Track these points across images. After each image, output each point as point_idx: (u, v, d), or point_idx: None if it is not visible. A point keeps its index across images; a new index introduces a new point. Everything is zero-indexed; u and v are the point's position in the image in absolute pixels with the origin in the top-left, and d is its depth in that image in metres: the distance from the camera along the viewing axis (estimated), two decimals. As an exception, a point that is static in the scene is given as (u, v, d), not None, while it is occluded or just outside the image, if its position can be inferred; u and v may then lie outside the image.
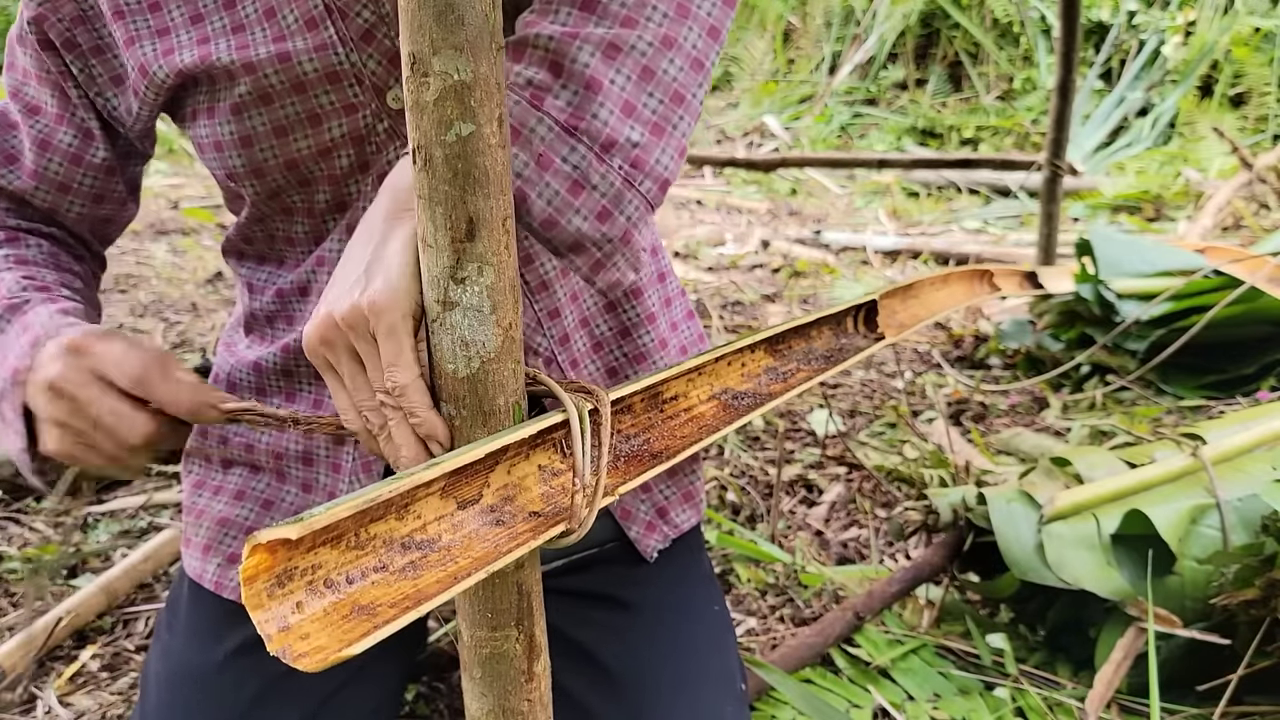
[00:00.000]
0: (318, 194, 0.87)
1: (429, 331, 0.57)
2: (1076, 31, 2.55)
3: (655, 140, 0.69)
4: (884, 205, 4.82)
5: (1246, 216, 3.84)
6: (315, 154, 0.84)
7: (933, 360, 2.71)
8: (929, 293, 1.03)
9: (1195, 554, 1.23)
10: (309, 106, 0.83)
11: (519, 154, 0.66)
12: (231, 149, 0.85)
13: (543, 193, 0.67)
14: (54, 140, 0.90)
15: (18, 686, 1.33)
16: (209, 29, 0.83)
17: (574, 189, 0.68)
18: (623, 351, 0.97)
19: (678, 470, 1.03)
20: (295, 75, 0.81)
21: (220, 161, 0.86)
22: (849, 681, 1.32)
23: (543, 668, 0.64)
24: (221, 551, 0.96)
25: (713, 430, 0.67)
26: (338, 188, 0.87)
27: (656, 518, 1.02)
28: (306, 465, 0.94)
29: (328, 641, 0.43)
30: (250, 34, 0.82)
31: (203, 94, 0.85)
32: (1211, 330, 2.16)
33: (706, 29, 0.73)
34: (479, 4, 0.49)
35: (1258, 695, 1.21)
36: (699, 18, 0.72)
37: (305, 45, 0.81)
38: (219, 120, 0.84)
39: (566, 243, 0.69)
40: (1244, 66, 5.49)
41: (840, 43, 6.95)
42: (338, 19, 0.80)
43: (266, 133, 0.84)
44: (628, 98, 0.69)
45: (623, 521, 0.99)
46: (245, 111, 0.83)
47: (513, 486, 0.57)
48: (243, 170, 0.86)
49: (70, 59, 0.87)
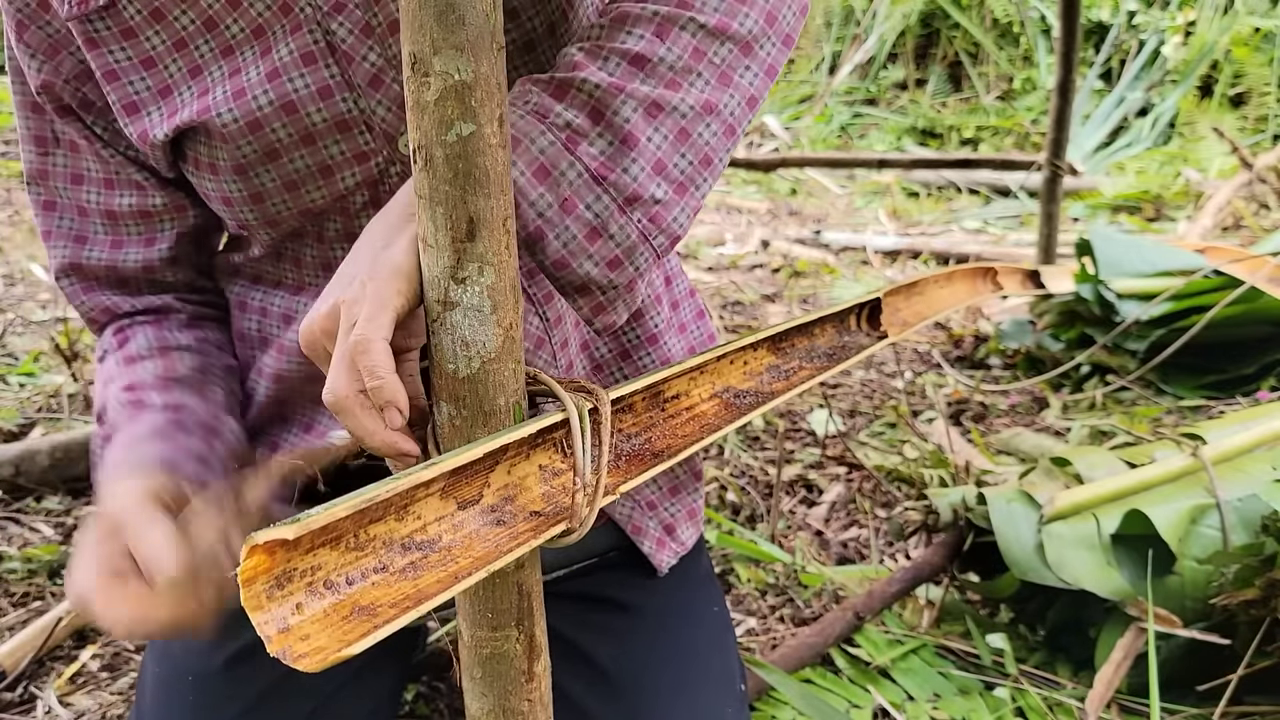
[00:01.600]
0: (329, 223, 0.86)
1: (429, 331, 0.56)
2: (1076, 31, 2.55)
3: (677, 199, 0.70)
4: (884, 205, 4.82)
5: (1246, 216, 3.84)
6: (329, 202, 0.83)
7: (933, 360, 2.71)
8: (933, 291, 1.02)
9: (1195, 554, 1.23)
10: (319, 159, 0.80)
11: (545, 194, 0.67)
12: (242, 204, 0.83)
13: (560, 235, 0.67)
14: (115, 205, 0.88)
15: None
16: (207, 80, 0.79)
17: (591, 236, 0.68)
18: (623, 374, 0.96)
19: (681, 488, 1.03)
20: (304, 127, 0.78)
21: (231, 215, 0.85)
22: (849, 681, 1.32)
23: (543, 668, 0.64)
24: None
25: (714, 429, 0.67)
26: (349, 220, 0.85)
27: (665, 534, 1.01)
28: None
29: (327, 642, 0.43)
30: (245, 75, 0.78)
31: (201, 145, 0.81)
32: (1211, 330, 2.16)
33: (746, 98, 0.74)
34: (480, 4, 0.49)
35: (1258, 695, 1.21)
36: (741, 87, 0.73)
37: (308, 91, 0.77)
38: (224, 178, 0.81)
39: (574, 284, 0.70)
40: (1244, 66, 5.49)
41: (840, 43, 6.95)
42: (342, 60, 0.77)
43: (277, 188, 0.81)
44: (661, 156, 0.70)
45: (634, 537, 0.99)
46: (252, 170, 0.80)
47: (513, 486, 0.57)
48: (256, 222, 0.84)
49: (91, 120, 0.84)
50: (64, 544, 1.69)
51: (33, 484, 1.83)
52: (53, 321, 2.80)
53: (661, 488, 1.02)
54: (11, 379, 2.37)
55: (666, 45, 0.70)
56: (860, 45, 6.76)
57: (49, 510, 1.80)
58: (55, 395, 2.25)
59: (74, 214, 0.89)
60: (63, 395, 2.22)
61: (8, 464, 1.82)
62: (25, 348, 2.60)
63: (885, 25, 6.69)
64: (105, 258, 0.90)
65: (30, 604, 1.53)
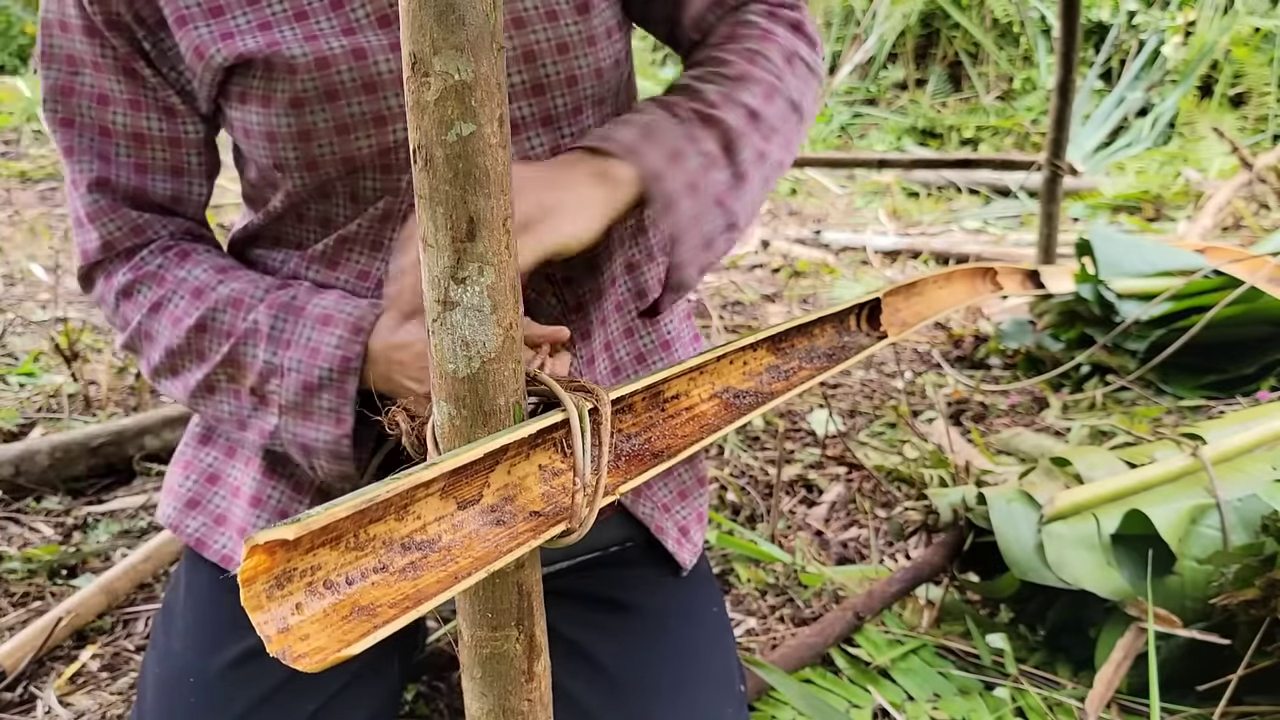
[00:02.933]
0: (364, 180, 0.85)
1: (429, 332, 0.57)
2: (1076, 31, 2.55)
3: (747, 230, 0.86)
4: (884, 205, 4.82)
5: (1246, 216, 3.84)
6: (374, 153, 0.83)
7: (933, 360, 2.71)
8: (932, 291, 1.02)
9: (1195, 554, 1.23)
10: (376, 108, 0.81)
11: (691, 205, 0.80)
12: (286, 141, 0.82)
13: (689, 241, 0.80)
14: (143, 128, 0.86)
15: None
16: (269, 13, 0.81)
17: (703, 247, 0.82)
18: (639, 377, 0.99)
19: (689, 493, 1.05)
20: (369, 74, 0.80)
21: (270, 151, 0.84)
22: (849, 681, 1.32)
23: (543, 668, 0.64)
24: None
25: (714, 429, 0.67)
26: (389, 177, 0.85)
27: (680, 535, 1.03)
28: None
29: (327, 642, 0.43)
30: (316, 23, 0.80)
31: (257, 79, 0.81)
32: (1211, 330, 2.16)
33: (791, 160, 0.93)
34: (480, 4, 0.49)
35: (1258, 695, 1.21)
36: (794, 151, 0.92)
37: (380, 43, 0.80)
38: (275, 111, 0.81)
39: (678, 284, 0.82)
40: (1244, 66, 5.49)
41: (840, 43, 6.95)
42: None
43: (328, 129, 0.82)
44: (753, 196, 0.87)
45: (659, 536, 1.01)
46: (307, 106, 0.81)
47: (513, 486, 0.57)
48: (295, 163, 0.84)
49: (141, 34, 0.83)
50: (64, 544, 1.69)
51: (33, 484, 1.84)
52: (53, 321, 2.80)
53: (672, 491, 1.04)
54: (11, 379, 2.37)
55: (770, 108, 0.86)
56: (860, 45, 6.75)
57: (49, 510, 1.80)
58: (55, 395, 2.25)
59: (95, 134, 0.87)
60: (63, 395, 2.22)
61: (8, 464, 1.82)
62: (25, 348, 2.60)
63: (885, 25, 6.69)
64: (133, 181, 0.88)
65: (30, 604, 1.53)
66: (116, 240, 0.89)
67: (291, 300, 0.84)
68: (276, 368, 0.83)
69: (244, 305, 0.85)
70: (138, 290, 0.89)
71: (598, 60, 0.86)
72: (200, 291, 0.86)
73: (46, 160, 4.91)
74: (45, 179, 4.75)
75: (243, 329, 0.84)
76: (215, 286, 0.86)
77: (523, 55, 0.83)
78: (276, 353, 0.83)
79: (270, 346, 0.83)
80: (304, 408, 0.82)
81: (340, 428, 0.81)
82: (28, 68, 6.53)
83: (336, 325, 0.81)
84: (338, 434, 0.82)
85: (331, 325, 0.81)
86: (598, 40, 0.86)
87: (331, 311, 0.82)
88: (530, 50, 0.83)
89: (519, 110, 0.85)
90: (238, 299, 0.85)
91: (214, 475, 0.97)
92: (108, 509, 1.81)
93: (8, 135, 5.19)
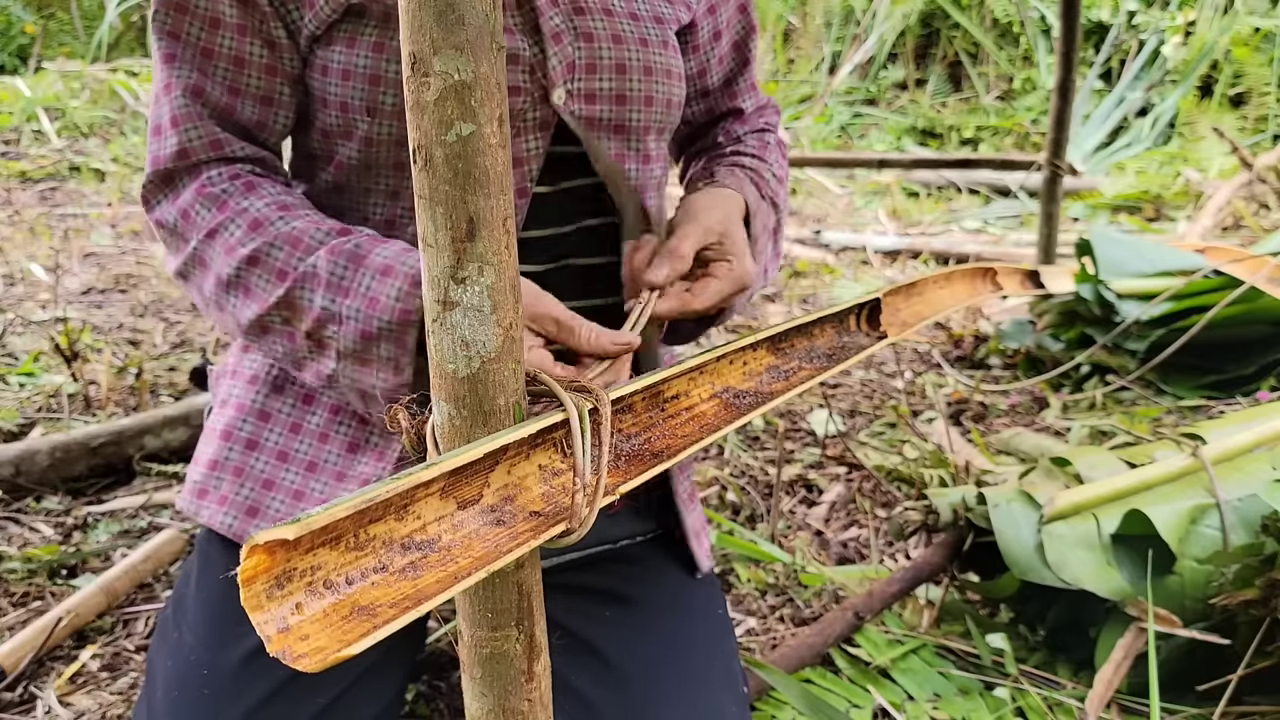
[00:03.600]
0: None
1: (429, 332, 0.57)
2: (1076, 31, 2.55)
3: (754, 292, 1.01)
4: (884, 205, 4.82)
5: (1246, 216, 3.84)
6: None
7: (933, 360, 2.71)
8: (932, 291, 1.02)
9: (1195, 554, 1.23)
10: None
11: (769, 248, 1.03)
12: (388, 86, 0.86)
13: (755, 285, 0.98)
14: (245, 54, 0.88)
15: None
16: None
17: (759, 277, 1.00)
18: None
19: (689, 501, 1.09)
20: None
21: (369, 96, 0.86)
22: (849, 681, 1.32)
23: (543, 667, 0.64)
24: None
25: (714, 429, 0.67)
26: None
27: (695, 540, 1.08)
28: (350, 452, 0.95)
29: (327, 642, 0.43)
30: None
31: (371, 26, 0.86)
32: (1211, 330, 2.16)
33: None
34: (479, 4, 0.49)
35: (1258, 695, 1.21)
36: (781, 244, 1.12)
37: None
38: (386, 56, 0.85)
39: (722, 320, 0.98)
40: (1244, 66, 5.49)
41: (840, 43, 6.95)
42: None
43: (396, 81, 0.85)
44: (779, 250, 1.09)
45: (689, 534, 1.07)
46: (385, 52, 0.85)
47: (513, 486, 0.57)
48: (389, 108, 0.86)
49: None
50: (64, 544, 1.69)
51: (33, 484, 1.84)
52: (53, 321, 2.80)
53: (684, 492, 1.09)
54: (11, 379, 2.37)
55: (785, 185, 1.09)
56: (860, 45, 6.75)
57: (49, 510, 1.80)
58: (55, 395, 2.25)
59: (198, 52, 0.88)
60: (63, 395, 2.22)
61: (8, 464, 1.82)
62: (25, 348, 2.60)
63: (885, 25, 6.69)
64: (225, 99, 0.89)
65: (30, 604, 1.53)
66: (193, 149, 0.90)
67: (355, 248, 0.84)
68: (335, 314, 0.82)
69: (302, 245, 0.85)
70: (198, 212, 0.88)
71: (670, 91, 0.97)
72: (259, 224, 0.86)
73: (46, 160, 4.91)
74: (45, 179, 4.75)
75: (300, 271, 0.84)
76: (275, 221, 0.86)
77: (615, 66, 0.93)
78: (335, 300, 0.82)
79: (329, 293, 0.83)
80: (362, 355, 0.82)
81: (399, 376, 0.81)
82: (28, 68, 6.53)
83: (397, 277, 0.81)
84: (397, 382, 0.82)
85: (392, 276, 0.81)
86: (673, 75, 0.98)
87: (393, 263, 0.82)
88: (622, 64, 0.93)
89: (600, 111, 0.93)
90: (296, 238, 0.85)
91: (269, 481, 0.97)
92: (108, 509, 1.81)
93: (8, 135, 5.19)
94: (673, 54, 0.98)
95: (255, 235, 0.85)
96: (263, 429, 0.98)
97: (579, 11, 0.91)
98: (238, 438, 0.98)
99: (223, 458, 0.98)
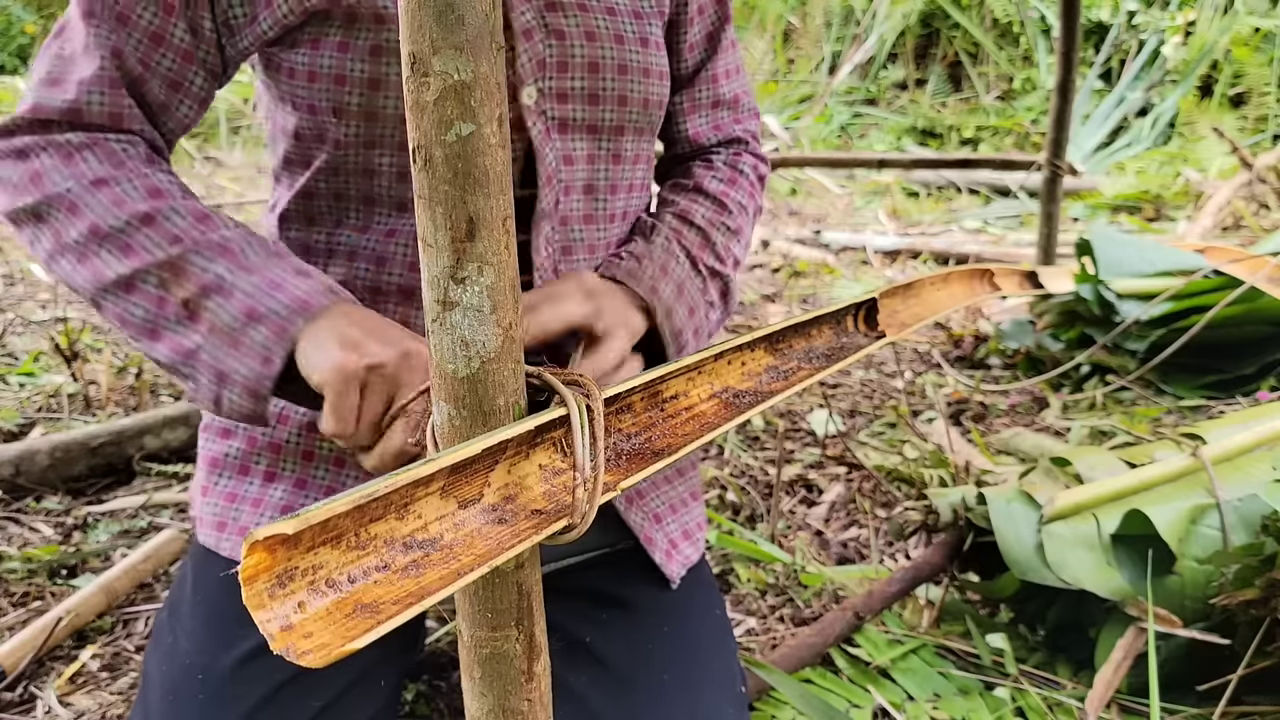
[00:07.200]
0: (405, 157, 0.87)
1: (429, 332, 0.57)
2: (1076, 31, 2.55)
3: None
4: (884, 205, 4.82)
5: (1246, 216, 3.84)
6: (400, 117, 0.84)
7: (933, 360, 2.71)
8: (930, 292, 1.02)
9: (1195, 554, 1.23)
10: None
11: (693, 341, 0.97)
12: (355, 86, 0.85)
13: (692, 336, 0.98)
14: (166, 32, 0.85)
15: None
16: None
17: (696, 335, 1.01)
18: None
19: (679, 507, 1.08)
20: None
21: (334, 96, 0.85)
22: (849, 681, 1.32)
23: (543, 668, 0.64)
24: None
25: (714, 427, 0.67)
26: None
27: (670, 547, 1.05)
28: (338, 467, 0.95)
29: (331, 638, 0.43)
30: None
31: (335, 27, 0.84)
32: (1211, 330, 2.16)
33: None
34: (479, 4, 0.49)
35: (1258, 695, 1.21)
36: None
37: None
38: (351, 56, 0.84)
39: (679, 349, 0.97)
40: (1244, 66, 5.49)
41: (840, 43, 6.95)
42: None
43: (398, 83, 0.83)
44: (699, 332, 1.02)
45: (647, 547, 1.02)
46: (385, 57, 0.84)
47: (514, 485, 0.57)
48: (357, 109, 0.85)
49: None
50: (64, 544, 1.69)
51: (33, 484, 1.84)
52: (53, 321, 2.80)
53: (665, 504, 1.06)
54: (11, 379, 2.37)
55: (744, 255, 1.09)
56: (860, 45, 6.76)
57: (49, 510, 1.80)
58: (55, 395, 2.25)
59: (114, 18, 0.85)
60: (63, 395, 2.22)
61: (8, 464, 1.82)
62: (25, 348, 2.60)
63: (885, 25, 6.69)
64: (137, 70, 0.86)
65: (30, 604, 1.53)
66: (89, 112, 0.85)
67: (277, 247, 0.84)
68: (225, 286, 0.79)
69: (212, 223, 0.83)
70: (85, 158, 0.84)
71: (647, 91, 0.95)
72: (159, 192, 0.84)
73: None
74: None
75: (204, 240, 0.81)
76: (178, 196, 0.84)
77: (588, 65, 0.90)
78: (234, 272, 0.80)
79: (230, 263, 0.80)
80: (236, 335, 0.79)
81: (267, 368, 0.78)
82: (27, 68, 6.53)
83: (314, 279, 0.80)
84: (261, 373, 0.78)
85: (309, 277, 0.80)
86: (651, 74, 0.95)
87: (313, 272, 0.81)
88: (595, 62, 0.91)
89: (573, 111, 0.91)
90: (204, 215, 0.83)
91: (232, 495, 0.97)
92: (108, 509, 1.81)
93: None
94: (653, 50, 0.95)
95: (155, 200, 0.83)
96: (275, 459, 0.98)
97: (551, 7, 0.89)
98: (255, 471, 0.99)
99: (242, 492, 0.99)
